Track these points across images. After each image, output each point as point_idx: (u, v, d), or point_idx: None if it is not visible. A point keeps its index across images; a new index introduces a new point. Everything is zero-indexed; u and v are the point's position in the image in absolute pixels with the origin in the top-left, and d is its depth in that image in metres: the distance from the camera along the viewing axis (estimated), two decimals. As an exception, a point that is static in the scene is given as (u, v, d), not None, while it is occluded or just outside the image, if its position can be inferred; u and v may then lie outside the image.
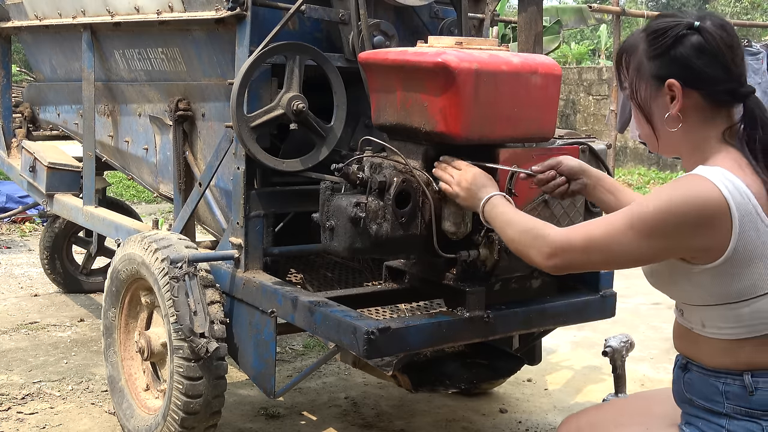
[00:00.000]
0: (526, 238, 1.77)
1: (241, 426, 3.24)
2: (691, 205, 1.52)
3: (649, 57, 1.65)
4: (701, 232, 1.53)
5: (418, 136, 2.27)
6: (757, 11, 22.00)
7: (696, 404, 1.69)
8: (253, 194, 2.71)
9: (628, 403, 2.05)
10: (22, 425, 3.21)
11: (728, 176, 1.54)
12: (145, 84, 3.44)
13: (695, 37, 1.60)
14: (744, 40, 7.05)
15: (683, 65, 1.61)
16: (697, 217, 1.52)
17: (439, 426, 3.31)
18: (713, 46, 1.59)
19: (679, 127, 1.64)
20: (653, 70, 1.64)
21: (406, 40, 2.85)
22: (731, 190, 1.52)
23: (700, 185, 1.53)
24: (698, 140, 1.65)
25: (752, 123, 1.61)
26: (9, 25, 4.39)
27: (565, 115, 13.58)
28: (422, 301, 2.77)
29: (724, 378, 1.63)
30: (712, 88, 1.61)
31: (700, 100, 1.62)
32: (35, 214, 7.09)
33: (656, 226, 1.55)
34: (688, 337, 1.71)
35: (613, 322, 2.95)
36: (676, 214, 1.53)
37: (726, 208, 1.51)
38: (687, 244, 1.56)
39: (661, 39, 1.63)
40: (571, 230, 1.69)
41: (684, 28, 1.61)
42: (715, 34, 1.60)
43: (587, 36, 26.37)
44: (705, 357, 1.66)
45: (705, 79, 1.61)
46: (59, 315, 4.68)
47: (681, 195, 1.54)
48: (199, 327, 2.58)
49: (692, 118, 1.64)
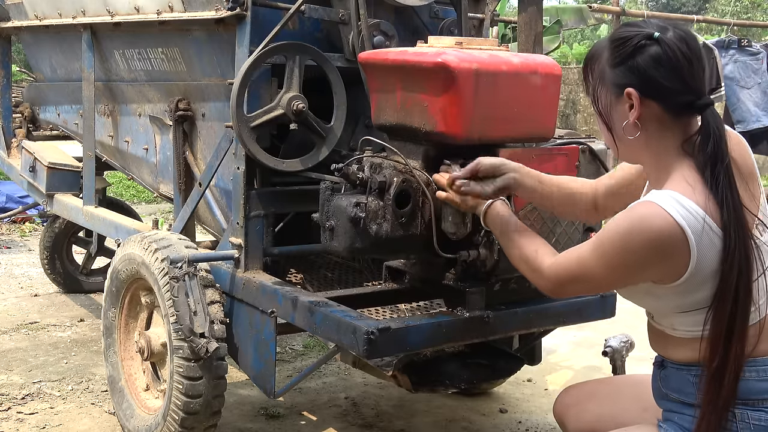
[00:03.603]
0: (524, 268, 1.87)
1: (241, 426, 3.24)
2: (648, 240, 1.56)
3: (611, 65, 1.68)
4: (662, 263, 1.58)
5: (418, 136, 2.27)
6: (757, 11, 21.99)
7: (671, 398, 1.75)
8: (253, 194, 2.71)
9: (626, 380, 2.17)
10: (22, 425, 3.21)
11: (679, 199, 1.57)
12: (145, 84, 3.44)
13: (654, 48, 1.62)
14: (744, 40, 7.04)
15: (641, 75, 1.63)
16: (656, 250, 1.57)
17: (439, 426, 3.31)
18: (671, 57, 1.61)
19: (638, 136, 1.67)
20: (613, 78, 1.67)
21: (406, 40, 2.85)
22: (684, 214, 1.55)
23: (653, 215, 1.56)
24: (658, 149, 1.68)
25: (706, 136, 1.63)
26: (9, 25, 4.39)
27: (565, 115, 13.57)
28: (422, 301, 2.77)
29: (695, 370, 1.67)
30: (669, 99, 1.64)
31: (658, 109, 1.65)
32: (35, 214, 7.08)
33: (619, 262, 1.61)
34: (661, 338, 1.76)
35: (613, 322, 2.94)
36: (635, 251, 1.58)
37: (682, 234, 1.55)
38: (650, 274, 1.62)
39: (621, 48, 1.66)
40: (560, 265, 1.76)
41: (644, 38, 1.63)
42: (674, 46, 1.62)
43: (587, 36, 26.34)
44: (678, 354, 1.72)
45: (662, 90, 1.63)
46: (59, 315, 4.68)
47: (637, 230, 1.57)
48: (199, 327, 2.58)
49: (651, 128, 1.67)
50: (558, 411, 2.09)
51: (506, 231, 1.92)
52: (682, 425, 1.72)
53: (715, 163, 1.60)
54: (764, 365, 1.63)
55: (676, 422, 1.73)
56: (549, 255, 1.80)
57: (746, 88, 6.89)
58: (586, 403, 2.03)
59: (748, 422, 1.63)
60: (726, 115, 6.83)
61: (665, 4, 28.27)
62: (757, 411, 1.63)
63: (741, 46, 6.91)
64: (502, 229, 1.93)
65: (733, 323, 1.58)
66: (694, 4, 26.85)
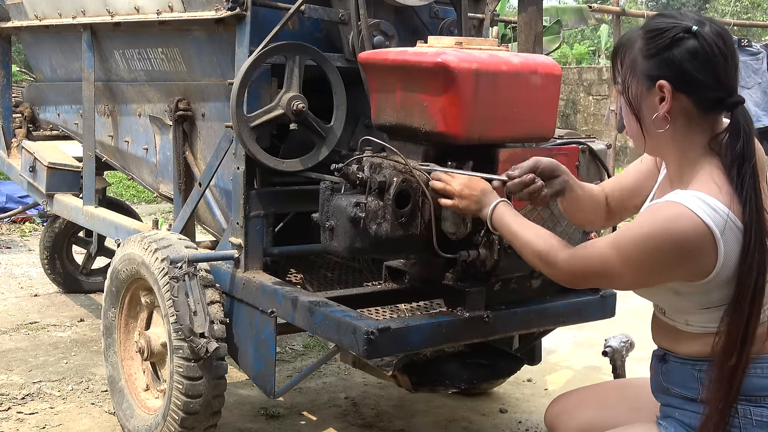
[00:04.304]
0: (538, 264, 1.84)
1: (241, 426, 3.24)
2: (675, 242, 1.55)
3: (644, 55, 1.65)
4: (689, 263, 1.57)
5: (418, 136, 2.27)
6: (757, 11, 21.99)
7: (672, 392, 1.74)
8: (253, 194, 2.71)
9: (613, 385, 2.16)
10: (22, 425, 3.21)
11: (704, 198, 1.56)
12: (145, 84, 3.44)
13: (691, 42, 1.60)
14: (744, 40, 7.04)
15: (676, 68, 1.61)
16: (684, 251, 1.55)
17: (439, 426, 3.31)
18: (708, 52, 1.60)
19: (666, 129, 1.66)
20: (646, 69, 1.65)
21: (406, 40, 2.85)
22: (710, 213, 1.54)
23: (680, 216, 1.55)
24: (684, 145, 1.66)
25: (735, 134, 1.61)
26: (9, 25, 4.39)
27: (565, 115, 13.58)
28: (422, 301, 2.77)
29: (700, 365, 1.67)
30: (701, 95, 1.62)
31: (688, 104, 1.63)
32: (35, 214, 7.08)
33: (646, 264, 1.60)
34: (670, 333, 1.75)
35: (613, 322, 2.94)
36: (662, 253, 1.57)
37: (709, 233, 1.54)
38: (677, 274, 1.61)
39: (657, 39, 1.63)
40: (579, 260, 1.73)
41: (681, 31, 1.61)
42: (712, 41, 1.60)
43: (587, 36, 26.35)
44: (687, 348, 1.71)
45: (695, 85, 1.61)
46: (59, 315, 4.68)
47: (663, 231, 1.55)
48: (199, 327, 2.58)
49: (679, 122, 1.65)
50: (548, 420, 2.10)
51: (515, 229, 1.90)
52: (682, 421, 1.71)
53: (742, 163, 1.59)
54: (767, 363, 1.63)
55: (677, 418, 1.73)
56: (563, 248, 1.78)
57: (746, 88, 6.89)
58: (574, 410, 2.04)
59: (750, 418, 1.63)
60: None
61: (665, 4, 28.27)
62: (759, 407, 1.63)
63: (741, 46, 6.91)
64: (511, 229, 1.91)
65: (749, 323, 1.58)
66: (694, 4, 26.85)
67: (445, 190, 2.09)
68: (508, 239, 1.95)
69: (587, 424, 1.97)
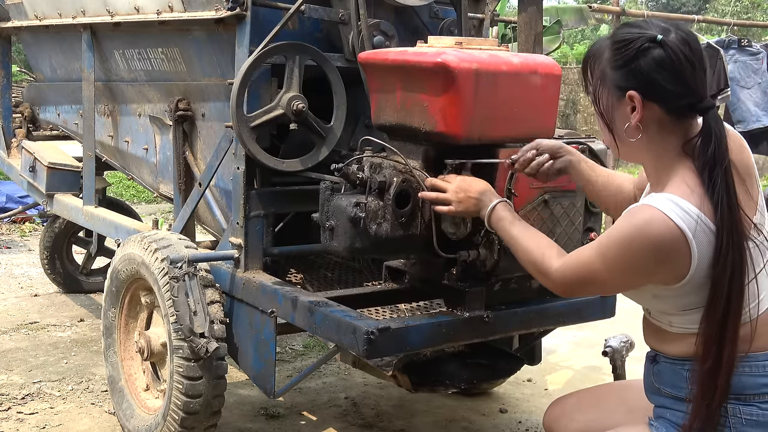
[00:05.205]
0: (532, 270, 1.87)
1: (241, 426, 3.24)
2: (651, 245, 1.57)
3: (612, 67, 1.67)
4: (666, 266, 1.60)
5: (418, 136, 2.27)
6: (757, 11, 21.99)
7: (663, 393, 1.76)
8: (253, 194, 2.71)
9: (610, 388, 2.18)
10: (22, 425, 3.21)
11: (676, 201, 1.58)
12: (145, 84, 3.44)
13: (657, 51, 1.62)
14: (744, 40, 7.03)
15: (644, 78, 1.63)
16: (659, 254, 1.58)
17: (439, 426, 3.31)
18: (674, 60, 1.61)
19: (639, 138, 1.68)
20: (615, 80, 1.67)
21: (406, 40, 2.85)
22: (682, 216, 1.56)
23: (653, 219, 1.57)
24: (659, 151, 1.68)
25: (707, 138, 1.63)
26: (9, 25, 4.39)
27: (566, 115, 13.58)
28: (422, 301, 2.77)
29: (688, 364, 1.68)
30: (671, 102, 1.64)
31: (660, 112, 1.65)
32: (35, 214, 7.08)
33: (625, 267, 1.63)
34: (657, 333, 1.77)
35: (613, 322, 2.94)
36: (638, 256, 1.60)
37: (681, 236, 1.56)
38: (656, 278, 1.64)
39: (624, 50, 1.65)
40: (568, 268, 1.76)
41: (647, 41, 1.63)
42: (677, 48, 1.61)
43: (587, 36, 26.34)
44: (673, 348, 1.73)
45: (665, 93, 1.63)
46: (59, 315, 4.68)
47: (639, 236, 1.58)
48: (199, 327, 2.58)
49: (652, 130, 1.67)
50: (547, 423, 2.12)
51: (512, 233, 1.92)
52: (673, 421, 1.72)
53: (714, 166, 1.60)
54: (757, 361, 1.64)
55: (668, 419, 1.74)
56: (556, 257, 1.80)
57: (746, 88, 6.89)
58: (572, 413, 2.05)
59: (739, 417, 1.64)
60: (726, 114, 6.83)
61: (665, 4, 28.26)
62: (748, 406, 1.64)
63: (741, 46, 6.90)
64: (508, 232, 1.94)
65: (726, 323, 1.59)
66: (694, 4, 26.83)
67: (439, 199, 2.11)
68: (506, 242, 1.98)
69: (585, 426, 1.98)
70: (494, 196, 2.02)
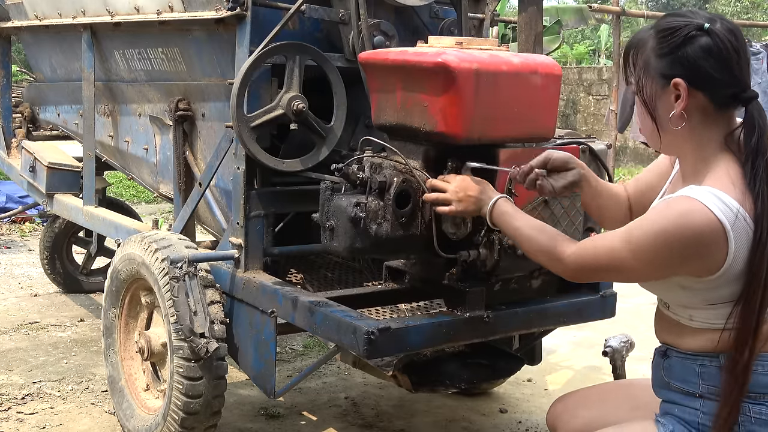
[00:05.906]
0: (542, 259, 1.85)
1: (241, 426, 3.24)
2: (689, 236, 1.55)
3: (657, 55, 1.66)
4: (701, 258, 1.58)
5: (418, 136, 2.27)
6: (757, 11, 22.00)
7: (673, 387, 1.75)
8: (253, 194, 2.71)
9: (614, 385, 2.17)
10: (22, 425, 3.21)
11: (718, 194, 1.56)
12: (145, 84, 3.44)
13: (704, 39, 1.61)
14: (744, 40, 7.04)
15: (690, 66, 1.62)
16: (696, 246, 1.56)
17: (439, 426, 3.31)
18: (722, 49, 1.61)
19: (683, 126, 1.66)
20: (660, 68, 1.66)
21: (406, 40, 2.85)
22: (722, 209, 1.55)
23: (693, 211, 1.55)
24: (701, 141, 1.67)
25: (750, 128, 1.62)
26: (9, 25, 4.39)
27: (565, 115, 13.58)
28: (422, 301, 2.77)
29: (701, 360, 1.68)
30: (716, 91, 1.63)
31: (704, 101, 1.64)
32: (35, 214, 7.08)
33: (657, 258, 1.60)
34: (673, 328, 1.76)
35: (613, 322, 2.94)
36: (674, 247, 1.57)
37: (721, 229, 1.55)
38: (687, 269, 1.61)
39: (670, 38, 1.64)
40: (586, 253, 1.74)
41: (694, 29, 1.62)
42: (724, 37, 1.61)
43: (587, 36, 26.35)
44: (690, 343, 1.71)
45: (711, 81, 1.62)
46: (59, 315, 4.68)
47: (676, 225, 1.56)
48: (199, 327, 2.58)
49: (696, 119, 1.66)
50: (550, 419, 2.12)
51: (516, 225, 1.91)
52: (682, 418, 1.72)
53: (756, 157, 1.60)
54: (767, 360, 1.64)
55: (676, 415, 1.73)
56: (567, 243, 1.79)
57: (746, 88, 6.89)
58: (575, 409, 2.05)
59: (749, 415, 1.64)
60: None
61: (665, 4, 28.27)
62: (758, 404, 1.64)
63: (741, 46, 6.91)
64: (512, 224, 1.93)
65: (759, 317, 1.59)
66: (694, 4, 26.85)
67: (439, 199, 2.11)
68: (510, 235, 1.96)
69: (588, 422, 1.98)
70: (494, 193, 2.02)
